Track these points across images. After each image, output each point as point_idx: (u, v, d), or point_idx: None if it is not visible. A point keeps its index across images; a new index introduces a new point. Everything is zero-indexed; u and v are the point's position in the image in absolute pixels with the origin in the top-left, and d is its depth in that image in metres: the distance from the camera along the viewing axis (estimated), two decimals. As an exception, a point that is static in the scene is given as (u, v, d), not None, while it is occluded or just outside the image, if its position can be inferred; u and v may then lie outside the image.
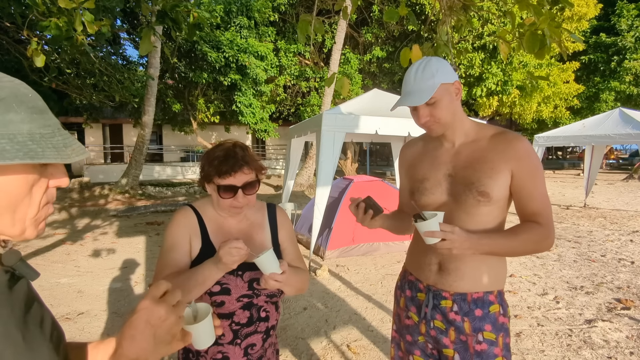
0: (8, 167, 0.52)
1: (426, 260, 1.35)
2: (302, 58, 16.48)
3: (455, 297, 1.28)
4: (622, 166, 24.27)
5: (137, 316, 0.66)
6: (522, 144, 1.22)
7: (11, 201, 0.54)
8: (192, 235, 1.21)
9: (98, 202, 10.78)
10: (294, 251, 1.34)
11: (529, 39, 1.85)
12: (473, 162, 1.26)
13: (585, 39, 17.83)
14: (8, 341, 0.52)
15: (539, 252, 1.25)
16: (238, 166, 1.15)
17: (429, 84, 1.20)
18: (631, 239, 6.47)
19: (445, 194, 1.30)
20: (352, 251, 5.45)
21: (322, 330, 3.30)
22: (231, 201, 1.17)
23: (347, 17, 2.48)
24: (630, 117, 8.11)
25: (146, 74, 11.70)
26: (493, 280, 1.29)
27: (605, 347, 2.98)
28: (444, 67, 1.23)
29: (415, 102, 1.21)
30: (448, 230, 1.11)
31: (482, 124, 1.34)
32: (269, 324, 1.24)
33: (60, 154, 0.53)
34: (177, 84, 16.60)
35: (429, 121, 1.25)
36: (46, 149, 0.52)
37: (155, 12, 2.86)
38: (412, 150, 1.48)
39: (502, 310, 1.28)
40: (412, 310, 1.39)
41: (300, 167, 13.00)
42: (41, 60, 2.71)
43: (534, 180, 1.22)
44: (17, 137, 0.50)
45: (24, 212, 0.56)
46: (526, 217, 1.25)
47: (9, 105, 0.51)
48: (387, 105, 5.60)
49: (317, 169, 4.92)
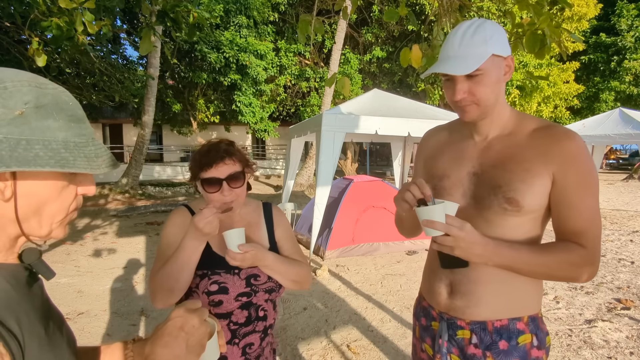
0: (40, 173, 0.53)
1: (436, 282, 1.12)
2: (302, 58, 16.48)
3: (472, 326, 1.04)
4: (622, 166, 24.26)
5: (172, 323, 0.67)
6: (572, 143, 0.96)
7: (40, 205, 0.55)
8: None
9: (98, 202, 10.77)
10: (291, 247, 1.33)
11: (529, 38, 1.86)
12: (504, 160, 1.01)
13: (585, 39, 17.83)
14: (33, 335, 0.52)
15: (575, 280, 0.99)
16: (219, 157, 1.14)
17: (479, 51, 0.94)
18: (631, 239, 6.47)
19: (467, 196, 1.06)
20: (352, 251, 5.45)
21: (322, 330, 3.30)
22: (218, 196, 1.15)
23: (347, 17, 2.49)
24: (630, 117, 8.12)
25: (146, 74, 11.70)
26: (521, 303, 1.03)
27: (605, 347, 2.98)
28: (500, 34, 0.97)
29: (457, 69, 0.94)
30: (455, 224, 0.90)
31: (524, 115, 1.08)
32: (267, 323, 1.23)
33: (90, 164, 0.54)
34: (177, 84, 16.61)
35: (465, 99, 0.98)
36: (78, 158, 0.53)
37: (156, 12, 2.87)
38: (434, 140, 1.22)
39: (537, 342, 1.02)
40: (427, 342, 1.17)
41: (300, 167, 12.99)
42: (42, 60, 2.71)
43: (581, 190, 0.95)
44: (52, 144, 0.51)
45: (52, 215, 0.57)
46: (565, 237, 0.99)
47: (49, 112, 0.52)
48: (387, 105, 5.61)
49: (317, 169, 4.92)
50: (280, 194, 8.79)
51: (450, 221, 0.91)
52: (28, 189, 0.53)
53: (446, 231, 0.91)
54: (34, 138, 0.50)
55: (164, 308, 1.15)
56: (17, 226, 0.54)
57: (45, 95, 0.53)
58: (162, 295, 1.11)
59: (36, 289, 0.60)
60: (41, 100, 0.52)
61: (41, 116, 0.51)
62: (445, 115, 5.61)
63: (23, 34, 3.10)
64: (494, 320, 1.02)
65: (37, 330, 0.54)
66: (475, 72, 0.94)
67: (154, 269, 1.17)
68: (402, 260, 5.32)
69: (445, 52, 0.99)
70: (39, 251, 0.61)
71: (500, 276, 1.01)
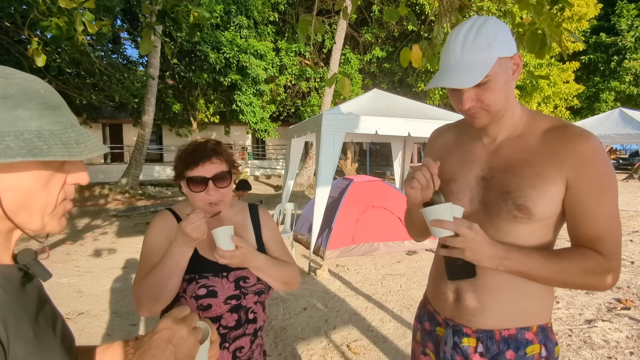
0: (18, 165, 0.51)
1: (442, 287, 1.08)
2: (303, 58, 16.48)
3: (479, 334, 1.00)
4: (622, 166, 24.24)
5: (159, 335, 0.65)
6: (587, 145, 0.89)
7: (25, 197, 0.54)
8: (172, 238, 1.15)
9: (98, 202, 10.77)
10: (279, 249, 1.31)
11: (529, 38, 1.86)
12: (514, 165, 0.96)
13: (585, 39, 17.82)
14: (20, 337, 0.52)
15: (594, 289, 0.94)
16: (206, 156, 1.12)
17: (483, 57, 0.87)
18: (631, 239, 6.47)
19: (476, 201, 1.01)
20: (352, 251, 5.45)
21: (322, 330, 3.30)
22: (204, 195, 1.13)
23: (347, 17, 2.48)
24: (630, 117, 8.12)
25: (146, 74, 11.70)
26: (531, 312, 0.99)
27: (605, 347, 2.98)
28: (504, 33, 0.90)
29: (462, 82, 0.87)
30: (464, 224, 0.87)
31: (536, 114, 1.01)
32: (257, 326, 1.22)
33: (69, 151, 0.52)
34: (177, 84, 16.61)
35: (475, 107, 0.93)
36: (53, 145, 0.51)
37: (156, 11, 2.87)
38: (442, 140, 1.17)
39: (546, 352, 0.98)
40: (429, 347, 1.14)
41: (300, 167, 12.99)
42: (42, 60, 2.71)
43: (598, 194, 0.90)
44: (24, 134, 0.50)
45: (41, 208, 0.55)
46: (580, 243, 0.94)
47: (18, 102, 0.51)
48: (387, 105, 5.61)
49: (317, 169, 4.92)
50: (280, 194, 8.79)
51: (459, 222, 0.88)
52: (10, 182, 0.52)
53: (455, 230, 0.87)
54: (4, 130, 0.49)
55: (150, 316, 1.13)
56: (8, 221, 0.53)
57: (11, 85, 0.51)
58: (148, 304, 1.08)
59: (30, 289, 0.59)
60: (7, 91, 0.50)
61: (9, 107, 0.50)
62: (445, 115, 5.61)
63: (23, 34, 3.10)
64: (501, 329, 0.98)
65: (25, 332, 0.53)
66: (482, 80, 0.88)
67: (137, 277, 1.14)
68: (402, 260, 5.32)
69: (447, 61, 0.92)
70: (34, 252, 0.60)
71: (510, 284, 0.97)
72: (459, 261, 0.96)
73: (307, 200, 8.58)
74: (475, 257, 0.89)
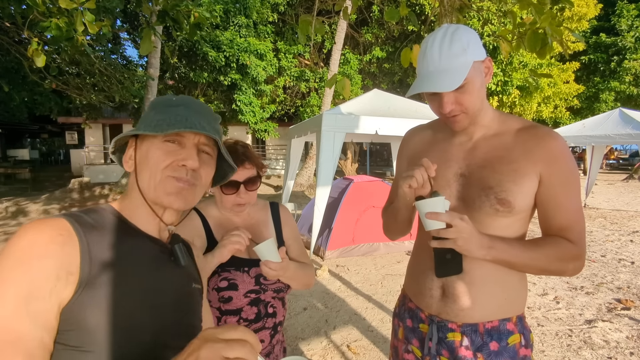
0: (154, 142, 0.76)
1: (427, 284, 1.10)
2: (302, 59, 16.48)
3: (464, 328, 1.04)
4: (622, 166, 24.27)
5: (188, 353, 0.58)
6: (555, 143, 0.99)
7: (144, 156, 0.76)
8: (196, 236, 1.20)
9: (98, 202, 10.77)
10: (298, 247, 1.35)
11: (530, 37, 1.86)
12: (493, 161, 1.02)
13: (585, 39, 17.83)
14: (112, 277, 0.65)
15: (564, 274, 1.02)
16: (239, 161, 1.17)
17: (460, 61, 0.93)
18: (631, 239, 6.47)
19: (455, 197, 1.06)
20: (352, 251, 5.45)
21: (322, 330, 3.30)
22: (234, 198, 1.19)
23: (348, 18, 2.48)
24: (630, 118, 8.11)
25: (146, 74, 11.69)
26: (511, 303, 1.05)
27: (605, 348, 2.98)
28: (475, 38, 0.97)
29: (444, 85, 0.93)
30: (457, 215, 0.92)
31: (506, 115, 1.10)
32: (277, 320, 1.25)
33: (155, 129, 0.73)
34: (177, 83, 16.59)
35: (455, 110, 0.98)
36: (148, 127, 0.74)
37: (156, 12, 2.86)
38: (418, 139, 1.22)
39: (524, 341, 1.05)
40: (413, 344, 1.15)
41: (300, 167, 12.99)
42: (42, 61, 2.71)
43: (567, 188, 0.99)
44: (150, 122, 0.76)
45: (154, 166, 0.75)
46: (552, 233, 1.03)
47: (153, 108, 0.80)
48: (387, 106, 5.61)
49: (317, 169, 4.92)
50: (280, 194, 8.79)
51: (451, 213, 0.93)
52: (142, 150, 0.77)
53: (449, 221, 0.91)
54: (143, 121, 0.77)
55: None
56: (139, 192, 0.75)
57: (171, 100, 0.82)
58: None
59: (167, 269, 0.76)
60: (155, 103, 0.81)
61: (149, 109, 0.80)
62: (445, 116, 5.60)
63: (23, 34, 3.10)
64: (485, 322, 1.03)
65: (119, 280, 0.65)
66: (461, 83, 0.94)
67: None
68: (402, 261, 5.32)
69: (426, 68, 0.97)
70: (181, 238, 0.83)
71: (494, 277, 1.03)
72: (447, 255, 0.99)
73: (307, 201, 8.57)
74: (466, 247, 0.93)
